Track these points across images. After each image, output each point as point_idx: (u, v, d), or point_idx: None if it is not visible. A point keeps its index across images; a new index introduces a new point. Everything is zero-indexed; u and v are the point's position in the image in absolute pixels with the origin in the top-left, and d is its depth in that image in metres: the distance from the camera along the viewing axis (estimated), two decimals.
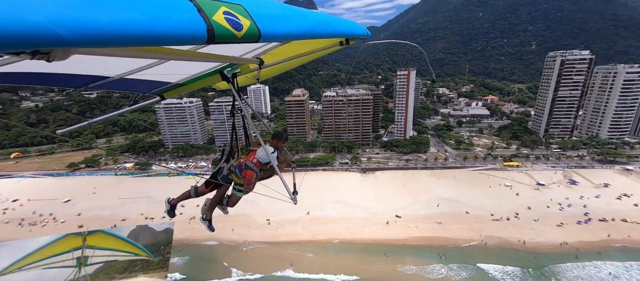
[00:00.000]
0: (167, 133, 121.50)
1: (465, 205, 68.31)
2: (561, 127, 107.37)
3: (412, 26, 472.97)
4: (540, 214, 63.58)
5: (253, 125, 4.41)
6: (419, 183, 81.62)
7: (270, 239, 59.74)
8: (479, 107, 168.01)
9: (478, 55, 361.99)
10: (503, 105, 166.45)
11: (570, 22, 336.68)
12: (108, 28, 1.00)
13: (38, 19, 0.83)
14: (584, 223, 59.79)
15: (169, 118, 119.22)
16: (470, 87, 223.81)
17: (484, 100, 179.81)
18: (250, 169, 4.16)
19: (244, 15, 1.59)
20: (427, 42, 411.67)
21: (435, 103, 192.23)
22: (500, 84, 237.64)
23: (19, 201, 78.17)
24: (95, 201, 77.48)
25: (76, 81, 2.74)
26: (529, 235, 56.99)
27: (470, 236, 57.64)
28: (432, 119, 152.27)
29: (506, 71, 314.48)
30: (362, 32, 2.93)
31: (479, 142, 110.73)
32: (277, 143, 4.66)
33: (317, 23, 2.26)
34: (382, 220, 63.99)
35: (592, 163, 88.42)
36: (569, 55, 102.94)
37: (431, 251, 54.36)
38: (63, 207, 74.78)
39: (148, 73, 2.92)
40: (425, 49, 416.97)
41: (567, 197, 69.90)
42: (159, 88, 3.80)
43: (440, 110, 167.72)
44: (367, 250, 55.32)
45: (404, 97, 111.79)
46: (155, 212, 70.84)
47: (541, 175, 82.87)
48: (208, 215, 4.96)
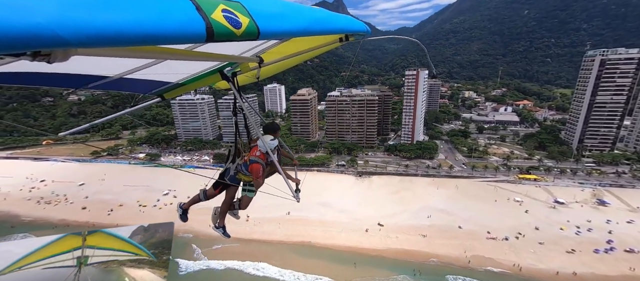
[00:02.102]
0: (181, 128, 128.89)
1: (460, 218, 61.41)
2: (600, 138, 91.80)
3: (446, 26, 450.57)
4: (549, 237, 54.58)
5: (254, 123, 4.31)
6: (414, 191, 75.56)
7: (244, 236, 59.10)
8: (507, 113, 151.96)
9: (519, 57, 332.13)
10: (537, 111, 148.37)
11: (638, 19, 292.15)
12: (107, 28, 1.01)
13: (38, 20, 0.84)
14: (603, 252, 49.87)
15: (182, 113, 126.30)
16: (502, 90, 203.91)
17: (515, 105, 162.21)
18: (256, 162, 4.11)
19: (242, 13, 1.58)
20: (461, 43, 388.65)
21: (458, 107, 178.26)
22: (539, 88, 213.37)
23: (45, 182, 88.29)
24: (103, 186, 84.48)
25: (76, 81, 2.74)
26: (528, 260, 49.04)
27: (455, 254, 51.37)
28: (451, 124, 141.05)
29: (552, 74, 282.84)
30: (361, 28, 2.89)
31: (497, 151, 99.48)
32: (273, 135, 4.64)
33: (316, 20, 2.23)
34: (363, 227, 60.14)
35: (634, 181, 73.98)
36: (611, 53, 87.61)
37: (406, 266, 49.45)
38: (77, 190, 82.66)
39: (147, 73, 2.87)
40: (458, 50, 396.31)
41: (590, 219, 59.17)
42: (158, 88, 3.76)
43: (462, 114, 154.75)
44: (337, 257, 52.19)
45: (412, 98, 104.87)
46: (149, 201, 75.20)
47: (563, 191, 71.45)
48: (220, 222, 4.84)
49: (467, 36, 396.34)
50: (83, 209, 71.92)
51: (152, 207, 72.05)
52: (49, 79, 2.50)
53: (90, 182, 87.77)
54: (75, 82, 2.78)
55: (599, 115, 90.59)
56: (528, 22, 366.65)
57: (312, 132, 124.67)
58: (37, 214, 70.88)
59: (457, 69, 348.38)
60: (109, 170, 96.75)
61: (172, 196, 77.24)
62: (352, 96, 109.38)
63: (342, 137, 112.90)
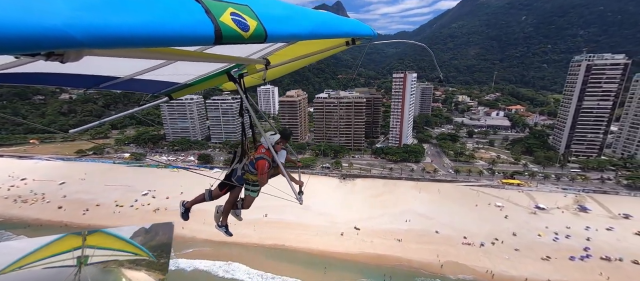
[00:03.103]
0: (169, 128, 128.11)
1: (439, 223, 60.43)
2: (587, 144, 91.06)
3: (445, 31, 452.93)
4: (526, 243, 53.62)
5: (260, 124, 4.30)
6: (396, 195, 74.64)
7: (217, 238, 58.05)
8: (499, 117, 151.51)
9: (516, 62, 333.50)
10: (528, 116, 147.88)
11: (634, 26, 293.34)
12: (119, 30, 1.03)
13: (53, 22, 0.88)
14: (578, 260, 48.88)
15: (171, 113, 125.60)
16: (495, 95, 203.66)
17: (507, 110, 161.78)
18: (262, 158, 4.20)
19: (250, 16, 1.60)
20: (459, 48, 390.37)
21: (452, 111, 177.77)
22: (533, 93, 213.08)
23: (26, 180, 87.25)
24: (83, 185, 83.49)
25: (87, 81, 2.79)
26: (501, 267, 48.03)
27: (428, 259, 50.37)
28: (442, 128, 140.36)
29: (547, 80, 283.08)
30: (369, 32, 2.87)
31: (484, 155, 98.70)
32: (283, 140, 4.73)
33: (323, 23, 2.24)
34: (339, 231, 59.16)
35: (618, 188, 73.08)
36: (597, 59, 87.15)
37: (377, 271, 48.41)
38: (56, 189, 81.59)
39: (157, 73, 2.94)
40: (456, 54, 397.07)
41: (569, 225, 58.23)
42: (167, 88, 3.83)
43: (455, 118, 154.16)
44: (308, 261, 51.21)
45: (399, 101, 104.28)
46: (127, 201, 74.19)
47: (546, 197, 70.55)
48: (223, 221, 4.95)
49: (465, 41, 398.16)
50: (59, 208, 70.89)
51: (128, 207, 71.03)
52: (62, 79, 2.53)
53: (71, 181, 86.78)
54: (87, 82, 2.81)
55: (586, 120, 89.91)
56: (525, 27, 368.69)
57: (302, 133, 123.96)
58: (11, 213, 69.83)
59: (454, 73, 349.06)
60: (93, 170, 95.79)
61: (151, 196, 76.41)
62: (339, 98, 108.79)
63: (329, 139, 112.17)
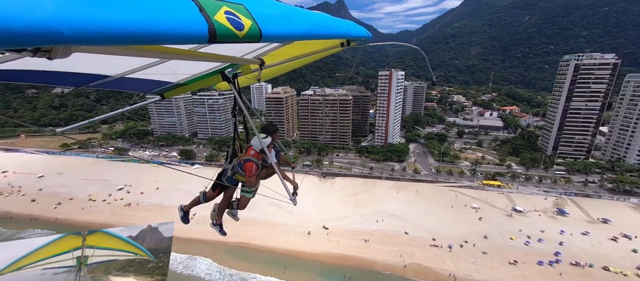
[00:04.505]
0: (157, 123, 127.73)
1: (410, 224, 58.99)
2: (574, 146, 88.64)
3: (447, 30, 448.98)
4: (495, 246, 51.96)
5: (254, 125, 4.12)
6: (373, 194, 73.23)
7: (181, 234, 56.86)
8: (492, 118, 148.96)
9: (517, 62, 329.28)
10: (522, 117, 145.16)
11: (638, 27, 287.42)
12: (109, 26, 1.00)
13: (40, 16, 0.84)
14: (547, 265, 47.13)
15: (158, 108, 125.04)
16: (492, 95, 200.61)
17: (501, 110, 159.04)
18: (250, 161, 4.13)
19: (245, 15, 1.59)
20: (460, 47, 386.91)
21: (446, 111, 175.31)
22: (530, 94, 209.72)
23: (6, 173, 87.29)
24: (60, 179, 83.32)
25: (77, 79, 2.74)
26: (465, 270, 46.49)
27: (392, 261, 48.98)
28: (434, 127, 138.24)
29: (548, 81, 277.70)
30: (363, 34, 2.90)
31: (470, 156, 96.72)
32: (270, 136, 4.53)
33: (318, 24, 2.25)
34: (307, 230, 57.99)
35: (601, 191, 70.81)
36: (585, 58, 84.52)
37: (338, 272, 47.16)
38: (34, 182, 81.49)
39: (149, 72, 2.90)
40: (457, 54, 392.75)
41: (544, 229, 56.39)
42: (159, 87, 3.78)
43: (447, 118, 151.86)
44: (269, 260, 50.20)
45: (385, 99, 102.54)
46: (100, 195, 73.70)
47: (525, 199, 68.62)
48: (218, 220, 4.89)
49: (467, 41, 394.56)
50: (32, 202, 70.65)
51: (101, 202, 70.51)
52: (50, 77, 2.46)
53: (51, 174, 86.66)
54: (76, 80, 2.76)
55: (574, 121, 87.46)
56: (528, 27, 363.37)
57: (288, 131, 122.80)
58: None
59: (454, 73, 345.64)
60: (75, 164, 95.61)
61: (126, 191, 75.88)
62: (325, 95, 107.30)
63: (315, 137, 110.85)
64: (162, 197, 71.14)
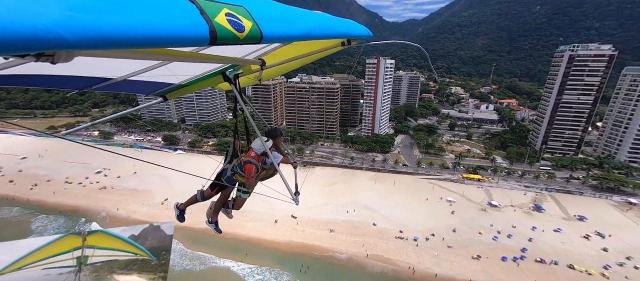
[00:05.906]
0: (145, 108, 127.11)
1: (380, 215, 58.08)
2: (564, 141, 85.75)
3: (454, 20, 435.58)
4: (462, 240, 50.88)
5: (256, 127, 4.21)
6: (350, 185, 72.20)
7: (150, 219, 57.39)
8: (487, 111, 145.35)
9: (524, 54, 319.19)
10: (519, 110, 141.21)
11: None
12: (111, 30, 1.01)
13: (43, 22, 0.85)
14: (511, 261, 46.00)
15: None
16: (491, 88, 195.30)
17: (498, 103, 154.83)
18: (250, 162, 4.15)
19: (245, 16, 1.60)
20: (466, 37, 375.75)
21: (443, 103, 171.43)
22: (532, 87, 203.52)
23: None
24: (41, 161, 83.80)
25: (80, 83, 2.76)
26: (426, 263, 45.67)
27: (354, 251, 48.34)
28: (427, 119, 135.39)
29: None
30: (364, 33, 2.92)
31: (457, 148, 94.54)
32: (274, 141, 4.63)
33: (318, 24, 2.27)
34: (274, 218, 57.46)
35: (583, 188, 68.61)
36: (580, 49, 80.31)
37: (297, 261, 46.78)
38: (15, 163, 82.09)
39: (151, 74, 2.93)
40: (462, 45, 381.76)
41: (516, 225, 55.01)
42: (161, 89, 3.81)
43: (442, 110, 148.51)
44: (232, 247, 49.87)
45: (372, 88, 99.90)
46: (77, 179, 74.00)
47: (503, 194, 66.94)
48: (214, 218, 4.97)
49: (474, 31, 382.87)
50: (10, 182, 71.27)
51: (77, 184, 70.83)
52: (53, 81, 2.50)
53: (34, 156, 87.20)
54: (79, 84, 2.79)
55: (565, 116, 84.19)
56: (537, 18, 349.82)
57: (276, 119, 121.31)
58: None
59: (458, 64, 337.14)
60: (58, 146, 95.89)
61: (103, 175, 76.09)
62: (311, 83, 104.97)
63: (301, 126, 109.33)
64: (138, 182, 71.09)
